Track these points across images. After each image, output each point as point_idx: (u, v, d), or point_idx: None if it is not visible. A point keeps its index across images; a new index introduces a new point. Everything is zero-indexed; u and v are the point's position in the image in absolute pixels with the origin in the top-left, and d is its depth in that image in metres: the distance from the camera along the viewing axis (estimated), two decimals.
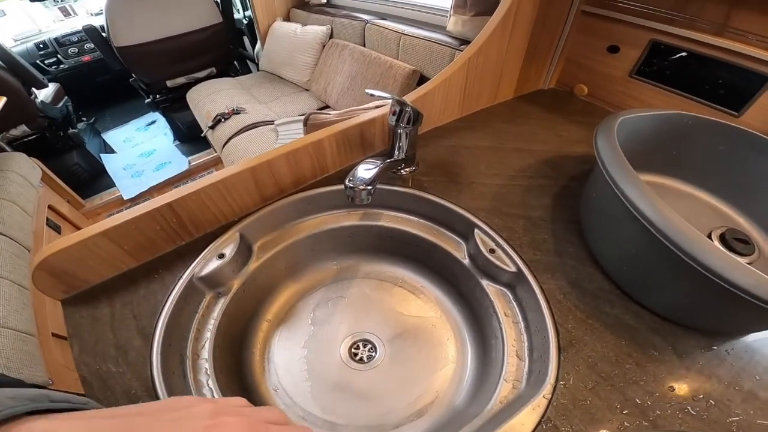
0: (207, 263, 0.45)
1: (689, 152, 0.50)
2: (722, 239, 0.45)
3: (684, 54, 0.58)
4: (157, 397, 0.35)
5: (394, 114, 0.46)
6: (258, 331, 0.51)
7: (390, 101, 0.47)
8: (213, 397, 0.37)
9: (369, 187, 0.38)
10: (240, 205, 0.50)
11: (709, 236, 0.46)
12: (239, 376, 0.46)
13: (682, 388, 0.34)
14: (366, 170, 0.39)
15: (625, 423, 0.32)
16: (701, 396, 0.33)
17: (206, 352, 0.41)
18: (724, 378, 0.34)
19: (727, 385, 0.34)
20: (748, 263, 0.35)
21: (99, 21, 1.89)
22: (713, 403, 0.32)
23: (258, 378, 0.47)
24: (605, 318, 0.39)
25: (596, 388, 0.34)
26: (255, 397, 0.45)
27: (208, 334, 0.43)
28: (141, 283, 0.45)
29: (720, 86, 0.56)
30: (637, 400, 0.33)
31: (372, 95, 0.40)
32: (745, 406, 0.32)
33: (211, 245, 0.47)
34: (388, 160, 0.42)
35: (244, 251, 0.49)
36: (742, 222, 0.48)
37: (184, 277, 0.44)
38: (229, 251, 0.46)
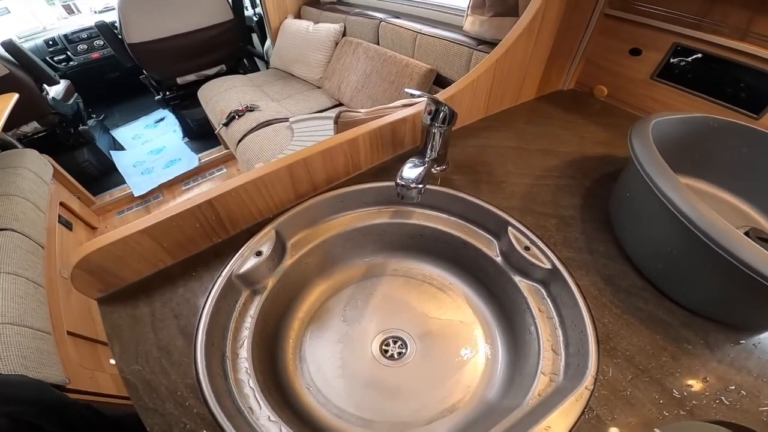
0: (245, 261, 0.45)
1: (713, 154, 0.51)
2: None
3: (706, 57, 0.59)
4: (203, 398, 0.35)
5: (429, 113, 0.47)
6: (290, 330, 0.51)
7: (424, 100, 0.48)
8: (255, 396, 0.37)
9: (420, 186, 0.39)
10: (276, 202, 0.50)
11: None
12: (274, 375, 0.46)
13: (715, 379, 0.35)
14: (411, 169, 0.40)
15: (664, 412, 0.33)
16: (733, 387, 0.34)
17: (245, 351, 0.41)
18: (753, 370, 0.35)
19: (756, 377, 0.35)
20: None
21: (103, 18, 1.89)
22: (744, 393, 0.34)
23: (291, 377, 0.47)
24: (640, 313, 0.40)
25: (635, 380, 0.35)
26: (289, 396, 0.45)
27: (246, 332, 0.43)
28: (179, 281, 0.45)
29: (741, 89, 0.57)
30: (674, 391, 0.34)
31: (412, 94, 0.41)
32: None
33: (248, 243, 0.47)
34: (428, 159, 0.43)
35: (279, 249, 0.50)
36: (763, 222, 0.49)
37: (224, 274, 0.44)
38: (266, 249, 0.47)
